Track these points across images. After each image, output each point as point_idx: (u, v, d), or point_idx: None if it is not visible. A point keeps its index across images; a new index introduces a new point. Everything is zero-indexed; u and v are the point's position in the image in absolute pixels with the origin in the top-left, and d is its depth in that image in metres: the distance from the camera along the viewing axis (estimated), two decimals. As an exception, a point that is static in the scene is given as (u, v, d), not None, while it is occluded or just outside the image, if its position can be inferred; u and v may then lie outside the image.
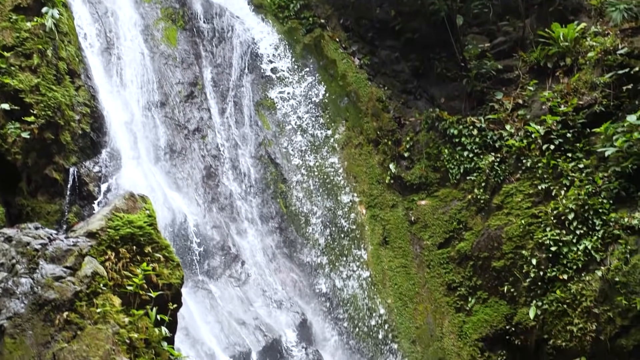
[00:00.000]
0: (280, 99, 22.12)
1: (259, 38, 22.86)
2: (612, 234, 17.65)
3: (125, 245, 12.65)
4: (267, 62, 22.65)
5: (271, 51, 22.81)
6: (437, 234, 20.52)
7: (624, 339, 17.21)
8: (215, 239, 18.80)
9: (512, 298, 18.90)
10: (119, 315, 11.74)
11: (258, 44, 22.73)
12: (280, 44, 23.04)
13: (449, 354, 19.18)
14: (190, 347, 16.14)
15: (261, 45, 22.77)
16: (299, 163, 21.26)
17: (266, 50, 22.76)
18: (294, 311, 19.12)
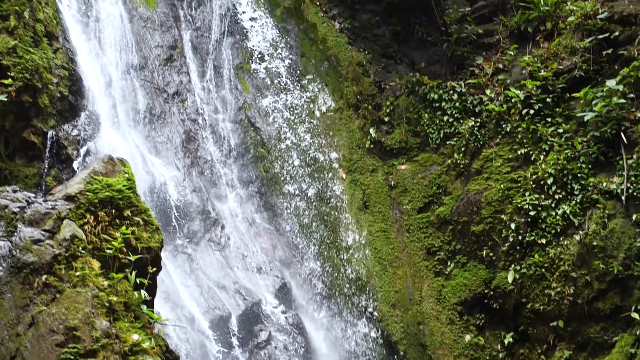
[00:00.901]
0: (260, 63, 21.99)
1: (238, 1, 22.69)
2: (590, 199, 17.74)
3: (104, 208, 12.62)
4: (247, 26, 22.48)
5: (251, 14, 22.63)
6: (416, 199, 20.54)
7: (601, 303, 17.35)
8: (194, 203, 18.77)
9: (491, 262, 19.00)
10: (98, 279, 11.73)
11: (238, 7, 22.56)
12: (260, 7, 22.86)
13: (427, 317, 19.28)
14: (170, 311, 16.16)
15: (240, 9, 22.60)
16: (278, 127, 21.19)
17: (246, 14, 22.59)
18: (273, 275, 19.15)
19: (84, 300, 11.21)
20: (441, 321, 19.19)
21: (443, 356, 18.88)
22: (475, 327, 19.11)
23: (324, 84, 22.02)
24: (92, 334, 11.03)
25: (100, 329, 11.15)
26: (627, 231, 17.07)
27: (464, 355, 18.82)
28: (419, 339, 19.18)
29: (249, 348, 17.50)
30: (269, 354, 17.71)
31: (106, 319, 11.42)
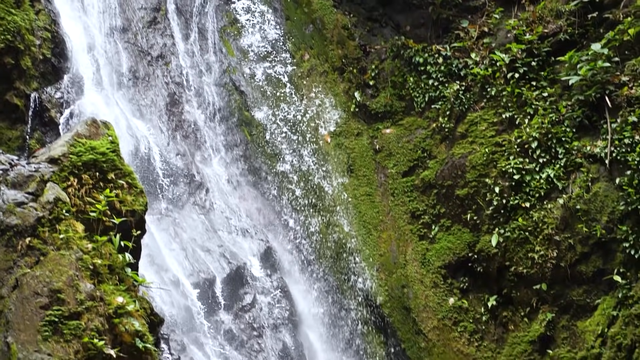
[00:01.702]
0: (244, 26, 21.84)
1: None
2: (574, 162, 17.79)
3: (88, 171, 12.55)
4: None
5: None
6: (401, 163, 20.55)
7: (584, 266, 17.47)
8: (179, 167, 18.71)
9: (475, 226, 19.06)
10: (82, 242, 11.69)
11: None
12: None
13: (412, 281, 19.36)
14: (155, 274, 16.16)
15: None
16: (263, 91, 21.10)
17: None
18: (258, 239, 19.16)
19: (68, 263, 11.18)
20: (425, 284, 19.28)
21: (427, 319, 18.99)
22: (459, 290, 19.21)
23: (309, 47, 21.91)
24: (77, 297, 11.01)
25: (85, 292, 11.14)
26: (611, 195, 17.15)
27: (447, 318, 18.94)
28: (403, 302, 19.26)
29: (233, 311, 17.55)
30: (253, 316, 17.77)
31: (90, 282, 11.40)
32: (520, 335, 18.27)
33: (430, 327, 18.93)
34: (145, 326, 12.17)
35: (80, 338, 10.77)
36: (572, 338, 17.60)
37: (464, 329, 18.85)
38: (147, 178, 17.72)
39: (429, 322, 18.98)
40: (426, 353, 18.82)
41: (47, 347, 10.46)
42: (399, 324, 19.18)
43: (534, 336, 18.04)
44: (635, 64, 17.61)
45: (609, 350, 16.56)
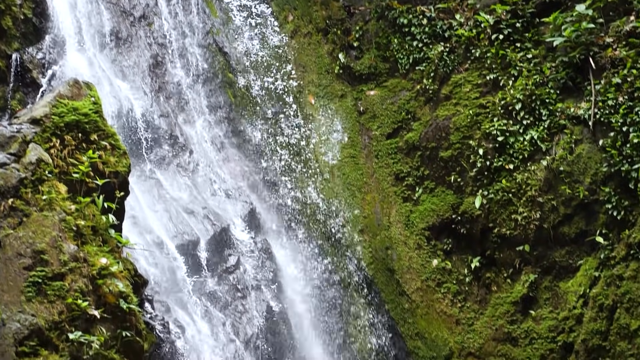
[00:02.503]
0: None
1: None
2: (558, 124, 17.82)
3: (71, 132, 12.52)
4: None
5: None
6: (385, 124, 20.53)
7: (567, 227, 17.56)
8: (163, 128, 18.61)
9: (459, 188, 19.11)
10: (65, 203, 11.69)
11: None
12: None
13: (395, 242, 19.42)
14: (139, 236, 16.12)
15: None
16: (247, 52, 20.98)
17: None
18: (242, 201, 19.14)
19: (51, 224, 11.18)
20: (409, 246, 19.35)
21: (411, 280, 19.08)
22: (443, 252, 19.31)
23: (293, 8, 21.76)
24: (60, 258, 11.02)
25: (68, 253, 11.15)
26: (594, 156, 17.20)
27: (431, 280, 19.04)
28: (387, 263, 19.34)
29: (217, 272, 17.56)
30: (237, 278, 17.79)
31: (74, 243, 11.42)
32: (503, 296, 18.40)
33: (413, 288, 19.02)
34: (129, 287, 12.22)
35: (64, 299, 10.80)
36: (554, 299, 17.74)
37: (447, 290, 18.96)
38: (130, 139, 17.62)
39: (412, 283, 19.06)
40: (410, 314, 18.93)
41: (31, 307, 10.48)
42: (383, 285, 19.26)
43: (517, 297, 18.16)
44: (619, 25, 17.59)
45: (591, 310, 16.70)
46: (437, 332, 18.70)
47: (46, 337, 10.44)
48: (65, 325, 10.71)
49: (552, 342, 17.48)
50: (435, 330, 18.72)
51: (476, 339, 18.45)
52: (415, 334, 18.79)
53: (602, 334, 16.36)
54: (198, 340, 16.07)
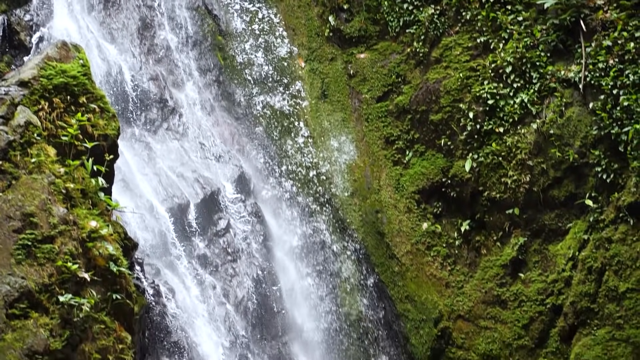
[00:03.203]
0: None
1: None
2: (548, 87, 17.79)
3: (59, 95, 12.45)
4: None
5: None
6: (375, 88, 20.45)
7: (556, 190, 17.60)
8: (152, 91, 18.53)
9: (449, 151, 19.09)
10: (54, 166, 11.65)
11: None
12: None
13: (385, 206, 19.44)
14: (128, 199, 16.11)
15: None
16: (236, 15, 20.84)
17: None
18: (232, 164, 19.11)
19: (40, 186, 11.15)
20: (399, 209, 19.37)
21: (400, 244, 19.12)
22: (433, 215, 19.32)
23: (283, -30, 21.60)
24: (50, 221, 11.01)
25: (58, 216, 11.13)
26: (584, 119, 17.21)
27: (421, 243, 19.07)
28: (377, 227, 19.37)
29: (208, 236, 17.59)
30: (228, 241, 17.82)
31: (63, 206, 11.39)
32: (492, 259, 18.46)
33: (403, 251, 19.07)
34: (119, 250, 12.22)
35: (53, 261, 10.80)
36: (543, 262, 17.82)
37: (437, 254, 19.01)
38: (119, 102, 17.56)
39: (402, 246, 19.11)
40: (399, 277, 18.99)
41: (20, 270, 10.48)
42: (373, 248, 19.31)
43: (506, 260, 18.22)
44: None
45: (580, 273, 16.79)
46: (427, 295, 18.77)
47: (36, 300, 10.45)
48: (55, 287, 10.72)
49: (541, 305, 17.57)
50: (424, 293, 18.79)
51: (466, 301, 18.53)
52: (404, 297, 18.86)
53: (591, 297, 16.47)
54: (188, 303, 16.13)
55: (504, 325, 18.04)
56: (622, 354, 15.57)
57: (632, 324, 15.61)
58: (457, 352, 18.49)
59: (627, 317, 15.71)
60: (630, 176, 16.14)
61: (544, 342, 17.57)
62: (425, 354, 18.51)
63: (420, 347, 18.57)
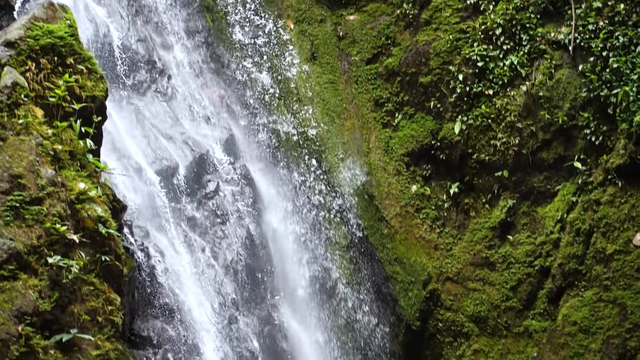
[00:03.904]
0: None
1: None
2: (538, 49, 17.76)
3: (46, 55, 12.36)
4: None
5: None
6: (365, 50, 20.37)
7: (545, 153, 17.62)
8: (140, 53, 18.41)
9: (438, 113, 19.07)
10: (42, 127, 11.58)
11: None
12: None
13: (375, 168, 19.43)
14: (117, 161, 16.06)
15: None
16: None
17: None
18: (221, 127, 19.06)
19: (28, 148, 11.09)
20: (388, 172, 19.37)
21: (390, 206, 19.14)
22: (422, 178, 19.34)
23: None
24: (38, 182, 10.96)
25: (46, 177, 11.09)
26: (573, 81, 17.21)
27: (410, 205, 19.10)
28: (366, 189, 19.37)
29: (197, 198, 17.57)
30: (217, 204, 17.81)
31: (51, 168, 11.34)
32: (481, 221, 18.52)
33: (392, 214, 19.10)
34: (108, 212, 12.19)
35: (42, 223, 10.78)
36: (531, 224, 17.89)
37: (426, 216, 19.06)
38: (107, 64, 17.44)
39: (391, 209, 19.13)
40: (388, 239, 19.03)
41: (9, 231, 10.45)
42: (362, 211, 19.33)
43: (495, 222, 18.29)
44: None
45: (568, 235, 16.87)
46: (416, 258, 18.83)
47: (25, 261, 10.44)
48: (44, 249, 10.71)
49: (529, 267, 17.67)
50: (413, 256, 18.85)
51: (454, 264, 18.61)
52: (393, 259, 18.91)
53: (579, 258, 16.56)
54: (177, 265, 16.14)
55: (492, 287, 18.14)
56: (609, 315, 15.69)
57: (619, 286, 15.72)
58: (445, 313, 18.59)
59: (615, 279, 15.82)
60: (618, 138, 16.19)
61: (532, 304, 17.69)
62: (414, 315, 18.60)
63: (409, 309, 18.65)
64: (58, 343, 10.61)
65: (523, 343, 17.72)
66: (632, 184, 15.84)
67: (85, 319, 11.07)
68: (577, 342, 16.00)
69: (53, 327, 10.66)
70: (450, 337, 18.63)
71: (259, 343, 17.21)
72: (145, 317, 15.10)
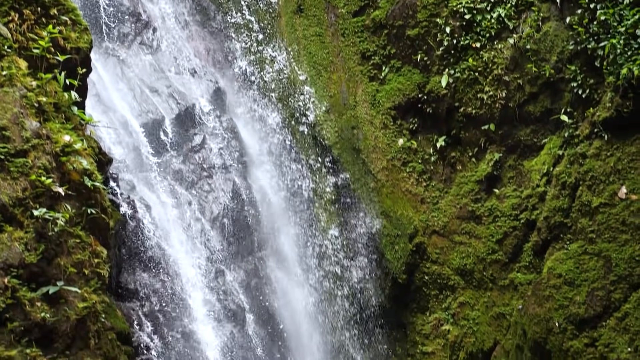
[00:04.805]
0: None
1: None
2: (525, 2, 17.65)
3: (30, 6, 12.18)
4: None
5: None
6: (352, 2, 20.19)
7: (532, 106, 17.60)
8: (125, 4, 18.23)
9: (425, 66, 18.99)
10: (25, 79, 11.45)
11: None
12: None
13: (361, 122, 19.39)
14: (102, 114, 15.99)
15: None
16: None
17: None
18: (207, 80, 18.95)
19: (12, 100, 10.96)
20: (375, 125, 19.33)
21: (376, 160, 19.13)
22: (409, 132, 19.31)
23: None
24: (22, 134, 10.86)
25: (31, 129, 10.99)
26: (561, 34, 17.13)
27: (396, 159, 19.09)
28: (353, 143, 19.35)
29: (183, 152, 17.53)
30: (203, 157, 17.77)
31: (36, 120, 11.24)
32: (467, 175, 18.54)
33: (379, 167, 19.10)
34: (94, 165, 12.11)
35: (27, 175, 10.69)
36: (518, 177, 17.92)
37: (412, 170, 19.06)
38: (91, 16, 17.28)
39: (378, 162, 19.13)
40: (375, 193, 19.06)
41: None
42: (349, 165, 19.32)
43: (481, 176, 18.31)
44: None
45: (554, 188, 16.91)
46: (402, 211, 18.87)
47: (10, 214, 10.37)
48: (29, 202, 10.64)
49: (515, 220, 17.74)
50: (400, 209, 18.89)
51: (440, 217, 18.67)
52: (380, 213, 18.95)
53: (564, 211, 16.62)
54: (164, 219, 16.14)
55: (478, 240, 18.22)
56: (594, 268, 15.78)
57: (604, 238, 15.79)
58: (431, 266, 18.69)
59: (600, 232, 15.88)
60: (605, 91, 16.16)
61: (517, 257, 17.79)
62: (400, 268, 18.68)
63: (395, 262, 18.73)
64: (45, 295, 10.58)
65: (508, 295, 17.84)
66: (618, 137, 15.85)
67: (71, 271, 11.04)
68: (561, 294, 16.10)
69: (39, 279, 10.63)
70: (436, 289, 18.75)
71: (245, 296, 17.28)
72: (132, 270, 15.13)
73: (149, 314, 14.96)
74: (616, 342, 15.24)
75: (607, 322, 15.50)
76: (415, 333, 18.99)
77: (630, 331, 15.12)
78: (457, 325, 18.49)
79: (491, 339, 17.97)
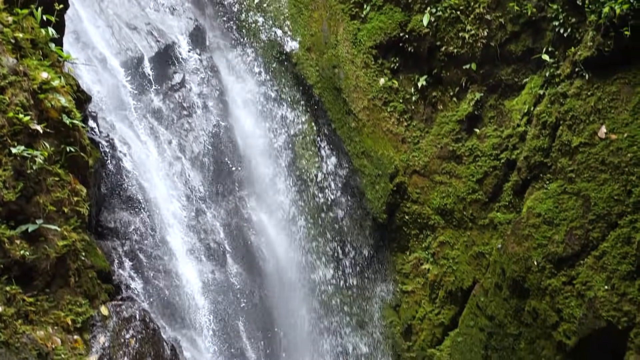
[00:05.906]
0: None
1: None
2: (509, -60, 17.51)
3: (4, -61, 11.98)
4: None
5: None
6: (333, -61, 19.98)
7: (513, 45, 17.51)
8: (101, -61, 17.99)
9: (407, 5, 18.81)
10: (1, 14, 11.33)
11: None
12: None
13: (343, 61, 19.27)
14: (81, 51, 15.84)
15: None
16: None
17: None
18: (187, 17, 18.79)
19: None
20: (356, 65, 19.22)
21: (357, 99, 19.07)
22: (390, 71, 19.20)
23: None
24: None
25: (7, 66, 10.88)
26: (543, -28, 17.02)
27: (378, 99, 19.02)
28: (334, 82, 19.27)
29: (162, 90, 17.43)
30: (183, 96, 17.68)
31: (13, 56, 11.13)
32: (448, 114, 18.50)
33: (360, 107, 19.03)
34: (72, 103, 12.04)
35: (4, 113, 10.63)
36: (499, 117, 17.90)
37: (393, 109, 19.00)
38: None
39: (359, 102, 19.06)
40: (356, 133, 19.03)
41: (-30, 121, 10.30)
42: (330, 104, 19.27)
43: (462, 115, 18.27)
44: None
45: (534, 128, 16.91)
46: (383, 151, 18.86)
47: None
48: (7, 139, 10.58)
49: (496, 160, 17.76)
50: (381, 149, 18.87)
51: (421, 157, 18.66)
52: (361, 153, 18.95)
53: (544, 151, 16.64)
54: (144, 158, 16.09)
55: (458, 180, 18.26)
56: (573, 207, 15.86)
57: (583, 178, 15.84)
58: (412, 206, 18.75)
59: (579, 171, 15.93)
60: (587, 30, 16.08)
61: (497, 197, 17.86)
62: (381, 208, 18.75)
63: (376, 202, 18.79)
64: (24, 233, 10.59)
65: (488, 235, 17.95)
66: (599, 76, 15.81)
67: (51, 209, 11.03)
68: (540, 233, 16.19)
69: (18, 217, 10.63)
70: (416, 229, 18.84)
71: (225, 235, 17.33)
72: (112, 209, 15.11)
73: (129, 252, 14.99)
74: (593, 280, 15.38)
75: (585, 260, 15.62)
76: (395, 272, 19.14)
77: (607, 269, 15.25)
78: (436, 264, 18.62)
79: (470, 278, 18.12)
